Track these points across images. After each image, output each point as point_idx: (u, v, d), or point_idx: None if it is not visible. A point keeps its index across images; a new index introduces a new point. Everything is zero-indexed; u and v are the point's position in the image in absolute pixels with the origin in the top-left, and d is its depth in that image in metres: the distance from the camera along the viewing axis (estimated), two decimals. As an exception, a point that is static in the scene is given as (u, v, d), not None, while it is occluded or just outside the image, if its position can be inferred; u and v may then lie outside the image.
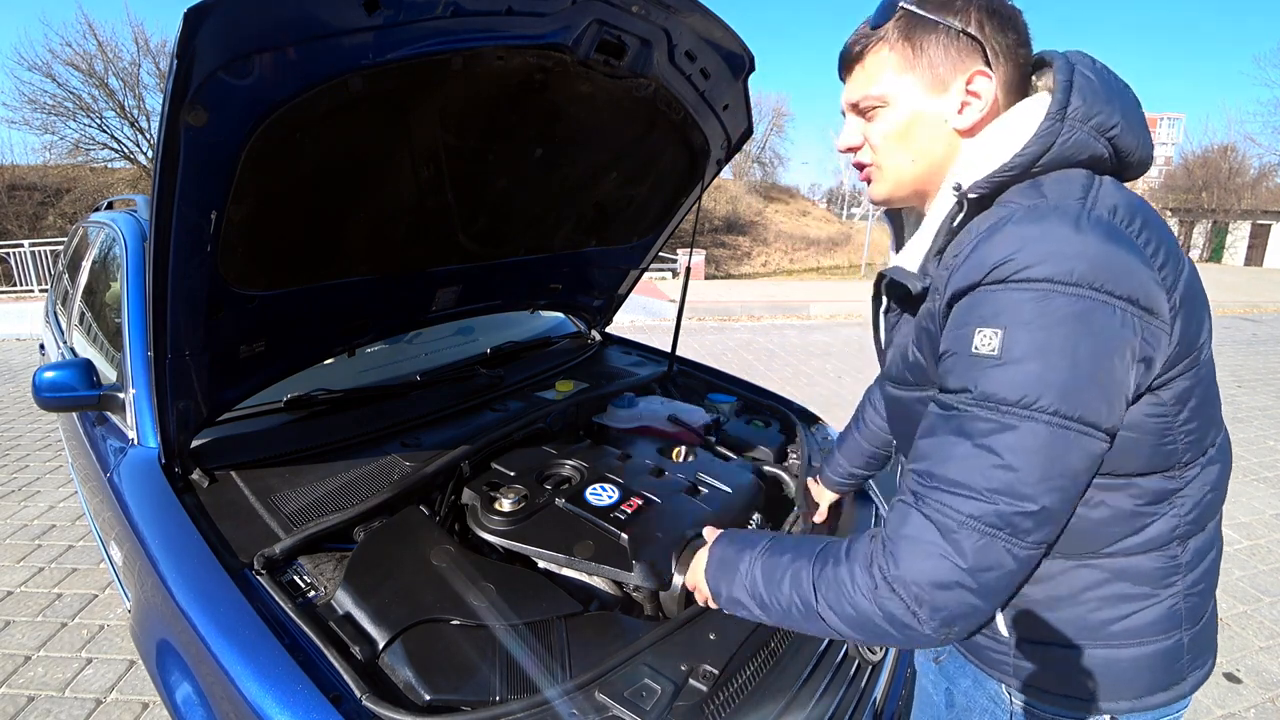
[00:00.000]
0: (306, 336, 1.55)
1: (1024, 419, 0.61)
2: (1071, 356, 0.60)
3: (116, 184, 17.15)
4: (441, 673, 0.92)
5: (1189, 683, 0.80)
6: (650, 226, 2.17)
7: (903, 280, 0.77)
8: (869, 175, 0.82)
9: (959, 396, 0.65)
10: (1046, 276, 0.61)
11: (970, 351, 0.63)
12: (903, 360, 0.81)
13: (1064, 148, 0.69)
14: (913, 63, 0.74)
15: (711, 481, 1.48)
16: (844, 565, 0.70)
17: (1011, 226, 0.65)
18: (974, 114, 0.74)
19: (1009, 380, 0.61)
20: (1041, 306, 0.60)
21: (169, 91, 0.87)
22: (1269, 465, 4.10)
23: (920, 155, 0.77)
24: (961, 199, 0.72)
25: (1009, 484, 0.61)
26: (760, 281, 18.47)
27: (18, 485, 3.54)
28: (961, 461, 0.63)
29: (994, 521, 0.61)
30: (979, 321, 0.63)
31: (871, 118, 0.78)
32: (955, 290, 0.67)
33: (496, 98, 1.33)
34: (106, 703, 1.97)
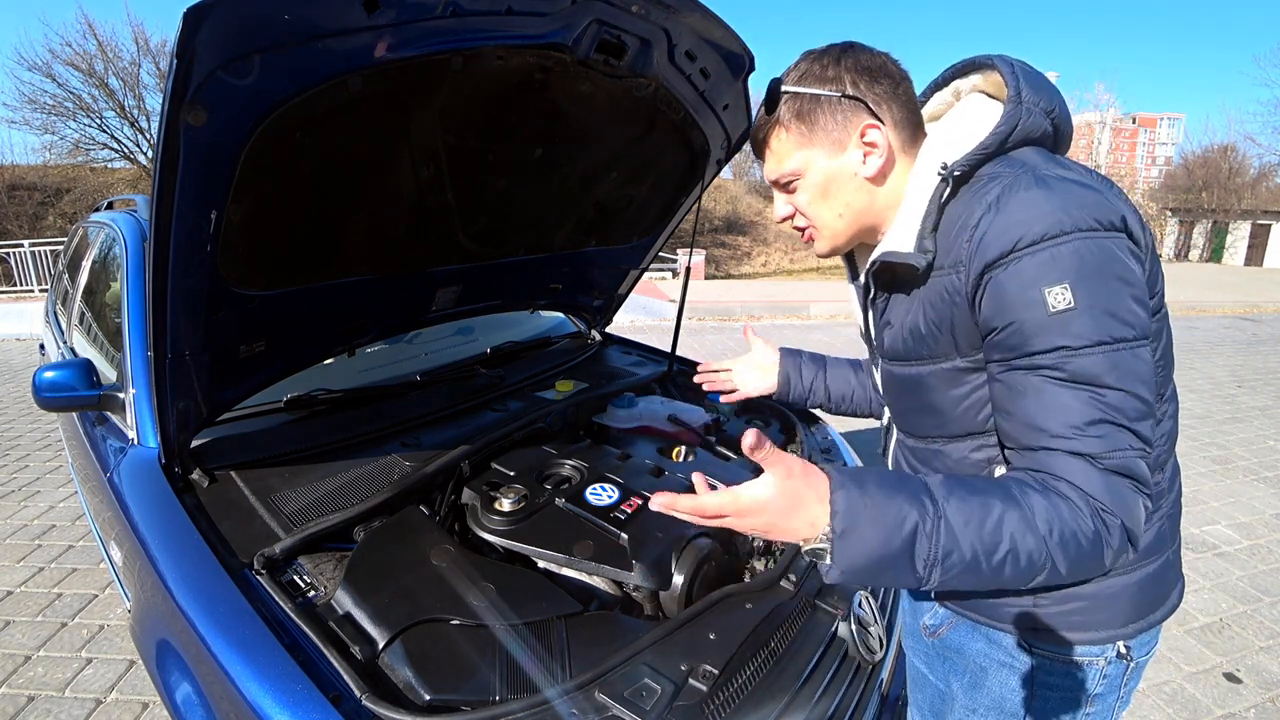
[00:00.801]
0: (306, 336, 1.55)
1: (1119, 349, 0.69)
2: (1121, 288, 0.70)
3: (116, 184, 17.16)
4: (441, 672, 0.92)
5: (1174, 596, 0.91)
6: (650, 226, 2.17)
7: (902, 260, 0.81)
8: (810, 236, 0.92)
9: (1055, 354, 0.70)
10: (1075, 227, 0.70)
11: (1049, 311, 0.70)
12: (908, 336, 0.87)
13: (1025, 126, 0.79)
14: (809, 136, 0.84)
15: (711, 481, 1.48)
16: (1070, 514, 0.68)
17: (1022, 193, 0.73)
18: (877, 161, 0.83)
19: (1096, 322, 0.69)
20: (1083, 254, 0.69)
21: (169, 91, 0.87)
22: (1269, 465, 4.10)
23: (845, 208, 0.87)
24: (948, 176, 0.79)
25: (1137, 409, 0.70)
26: (760, 281, 18.46)
27: (18, 485, 3.54)
28: (1097, 404, 0.70)
29: (1140, 443, 0.70)
30: (1042, 281, 0.70)
31: (793, 189, 0.89)
32: (989, 258, 0.73)
33: (496, 98, 1.33)
34: (106, 703, 1.97)
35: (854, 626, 1.18)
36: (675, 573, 1.18)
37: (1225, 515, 3.40)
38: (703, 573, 1.20)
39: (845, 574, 0.65)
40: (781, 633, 1.11)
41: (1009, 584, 0.69)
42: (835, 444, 1.87)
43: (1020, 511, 0.67)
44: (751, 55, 1.54)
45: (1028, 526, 0.67)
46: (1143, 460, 0.70)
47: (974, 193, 0.78)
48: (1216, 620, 2.50)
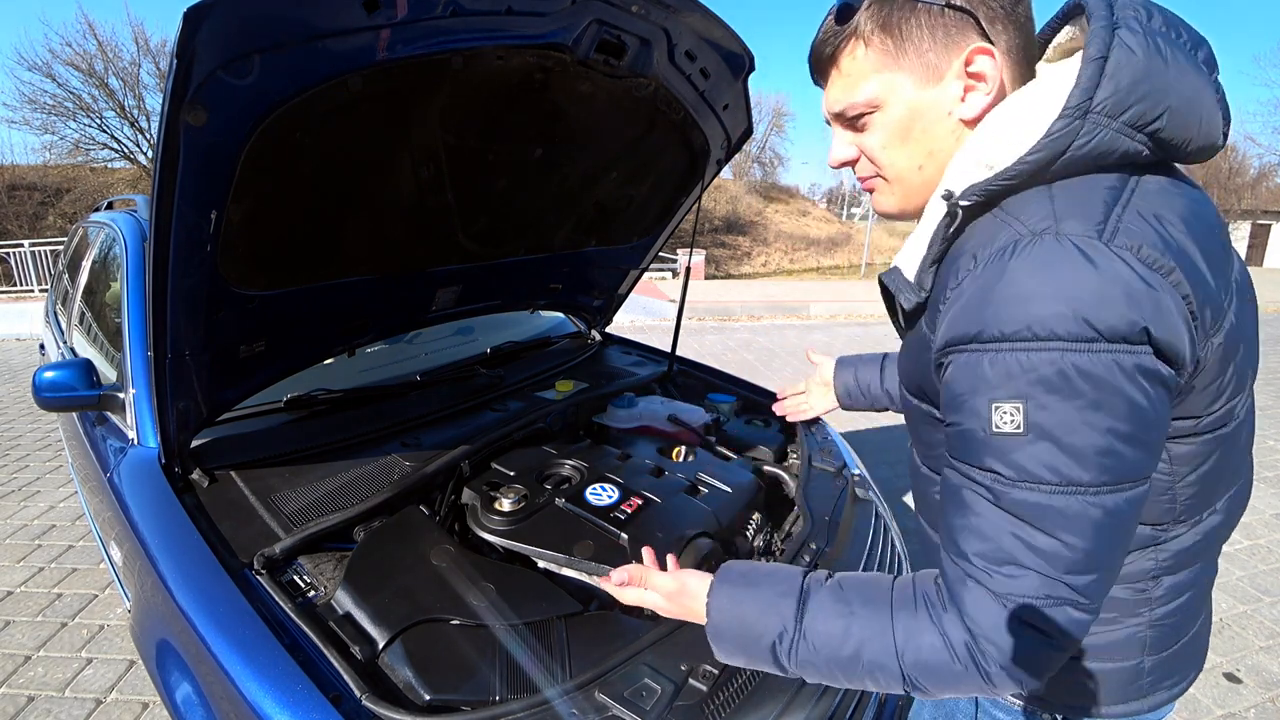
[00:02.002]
0: (306, 336, 1.55)
1: (1069, 495, 0.56)
2: (1101, 421, 0.54)
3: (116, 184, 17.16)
4: (441, 673, 0.92)
5: (1149, 702, 0.80)
6: (650, 226, 2.17)
7: (898, 290, 0.70)
8: (873, 186, 0.73)
9: (988, 476, 0.59)
10: (1059, 333, 0.53)
11: (992, 430, 0.57)
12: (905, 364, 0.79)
13: (1080, 151, 0.58)
14: (896, 56, 0.64)
15: (711, 481, 1.48)
16: (932, 633, 0.63)
17: (1011, 266, 0.56)
18: (980, 99, 0.64)
19: (1043, 459, 0.56)
20: (1056, 370, 0.54)
21: (169, 91, 0.87)
22: (1269, 465, 4.10)
23: (927, 159, 0.68)
24: (953, 208, 0.63)
25: (1074, 562, 0.57)
26: (760, 281, 18.47)
27: (18, 485, 3.54)
28: (1017, 541, 0.58)
29: (1064, 594, 0.58)
30: (992, 393, 0.57)
31: (863, 126, 0.69)
32: (951, 337, 0.60)
33: (496, 98, 1.33)
34: (106, 703, 1.97)
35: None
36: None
37: (1225, 515, 3.39)
38: (703, 573, 1.20)
39: (724, 661, 0.77)
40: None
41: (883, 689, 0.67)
42: (835, 444, 1.87)
43: (884, 641, 0.64)
44: (751, 55, 1.54)
45: (886, 656, 0.64)
46: (1073, 611, 0.58)
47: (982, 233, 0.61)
48: (1216, 620, 2.50)
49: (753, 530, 1.42)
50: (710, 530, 1.29)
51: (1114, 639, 0.75)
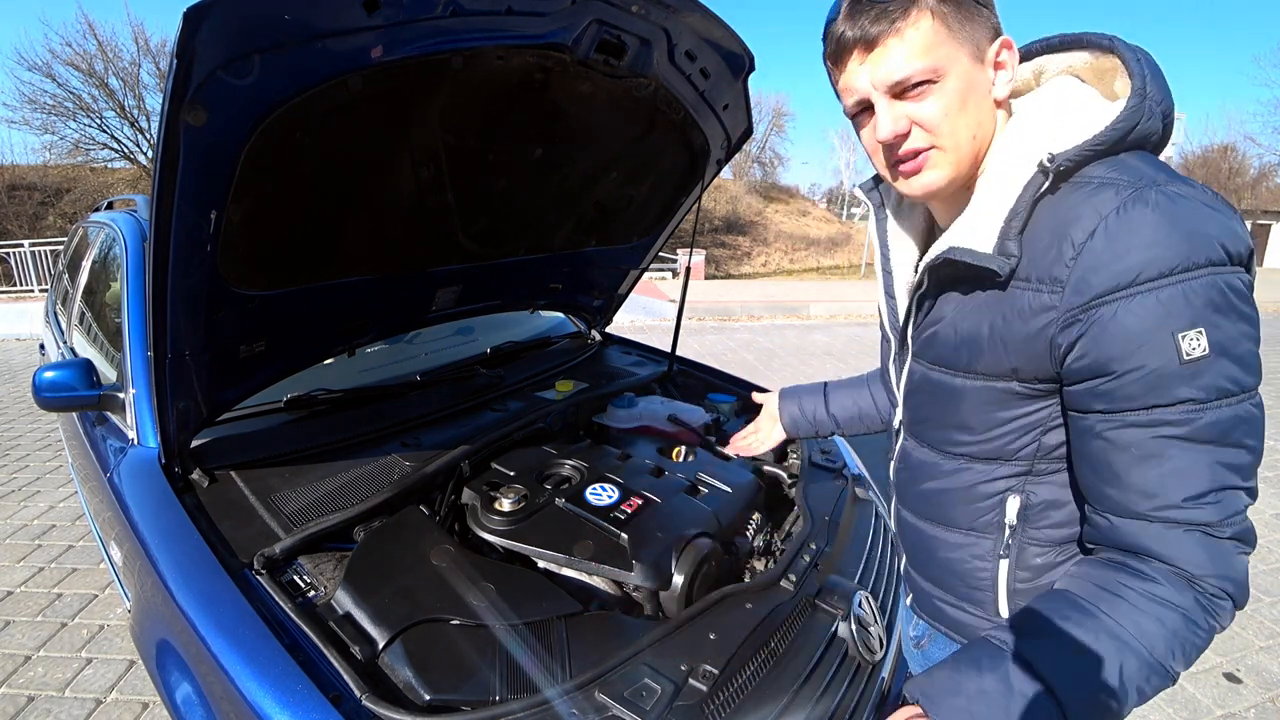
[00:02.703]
0: (306, 336, 1.55)
1: (1245, 401, 0.64)
2: (1249, 330, 0.63)
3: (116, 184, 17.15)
4: (441, 673, 0.92)
5: None
6: (650, 226, 2.17)
7: (980, 263, 0.70)
8: (925, 161, 0.74)
9: (1181, 408, 0.63)
10: (1208, 260, 0.62)
11: (1182, 358, 0.62)
12: (961, 344, 0.77)
13: (1144, 127, 0.69)
14: (959, 33, 0.69)
15: (711, 481, 1.48)
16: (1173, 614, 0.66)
17: (1145, 211, 0.63)
18: (1006, 84, 0.73)
19: (1227, 371, 0.63)
20: (1216, 291, 0.62)
21: (169, 91, 0.87)
22: (1269, 465, 4.10)
23: (978, 128, 0.73)
24: (1051, 171, 0.68)
25: (1253, 465, 0.65)
26: (760, 281, 18.47)
27: (18, 485, 3.54)
28: (1219, 468, 0.64)
29: (1246, 501, 0.66)
30: (1173, 324, 0.62)
31: (921, 94, 0.70)
32: (1103, 288, 0.64)
33: (496, 98, 1.33)
34: (106, 703, 1.97)
35: (854, 626, 1.17)
36: (675, 573, 1.18)
37: (1225, 515, 3.39)
38: (703, 573, 1.20)
39: None
40: (781, 633, 1.11)
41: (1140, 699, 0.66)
42: (835, 444, 1.87)
43: (1134, 648, 0.65)
44: (751, 55, 1.54)
45: (1142, 663, 0.65)
46: (1247, 517, 0.66)
47: (1081, 197, 0.67)
48: (1216, 620, 2.50)
49: (753, 530, 1.42)
50: (710, 530, 1.29)
51: None
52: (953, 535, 0.86)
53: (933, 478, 0.86)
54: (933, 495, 0.87)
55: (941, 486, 0.85)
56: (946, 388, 0.80)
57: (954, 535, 0.86)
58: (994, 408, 0.76)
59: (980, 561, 0.84)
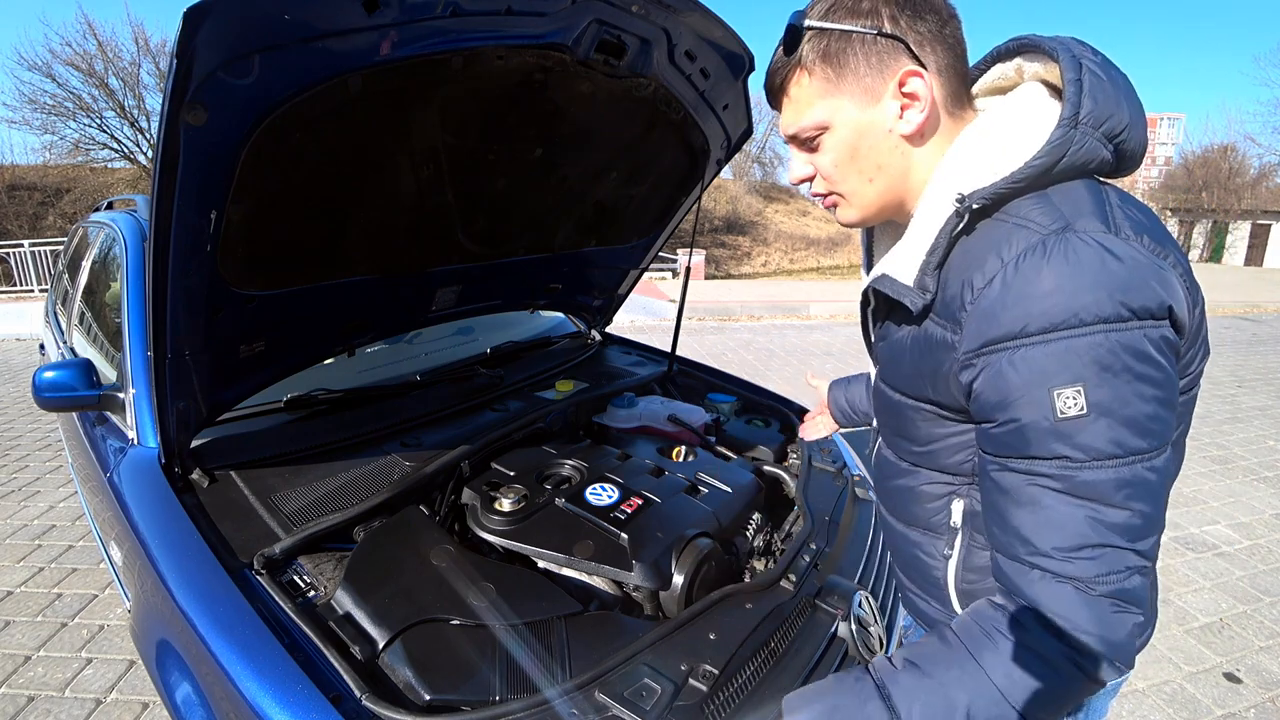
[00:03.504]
0: (306, 336, 1.55)
1: (1133, 464, 0.61)
2: (1146, 391, 0.60)
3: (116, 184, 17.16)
4: (441, 672, 0.92)
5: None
6: (650, 226, 2.17)
7: (898, 296, 0.73)
8: (833, 203, 0.79)
9: (1056, 463, 0.62)
10: (1102, 316, 0.59)
11: (1057, 416, 0.61)
12: (896, 365, 0.80)
13: (1075, 157, 0.66)
14: (837, 82, 0.70)
15: (711, 481, 1.48)
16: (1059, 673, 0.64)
17: (1046, 263, 0.61)
18: (916, 116, 0.70)
19: (1108, 434, 0.60)
20: (1107, 349, 0.59)
21: (169, 91, 0.87)
22: (1269, 465, 4.10)
23: (876, 173, 0.74)
24: (964, 210, 0.67)
25: (1142, 530, 0.62)
26: (760, 281, 18.47)
27: (18, 485, 3.54)
28: (1097, 525, 0.62)
29: (1138, 564, 0.63)
30: (1051, 381, 0.61)
31: (815, 147, 0.75)
32: (992, 336, 0.63)
33: (496, 98, 1.33)
34: (106, 703, 1.97)
35: (854, 626, 1.17)
36: (675, 573, 1.18)
37: (1225, 515, 3.39)
38: (703, 573, 1.20)
39: None
40: (781, 633, 1.11)
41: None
42: (835, 444, 1.87)
43: (988, 692, 0.64)
44: (751, 55, 1.54)
45: (997, 706, 0.64)
46: (1140, 577, 0.63)
47: (993, 238, 0.66)
48: (1216, 620, 2.50)
49: (753, 530, 1.42)
50: (710, 530, 1.29)
51: None
52: (912, 532, 0.89)
53: (895, 477, 0.89)
54: (896, 493, 0.90)
55: (901, 485, 0.88)
56: (890, 400, 0.83)
57: (913, 532, 0.89)
58: (928, 425, 0.78)
59: (933, 560, 0.87)
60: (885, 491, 0.93)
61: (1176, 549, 3.02)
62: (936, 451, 0.79)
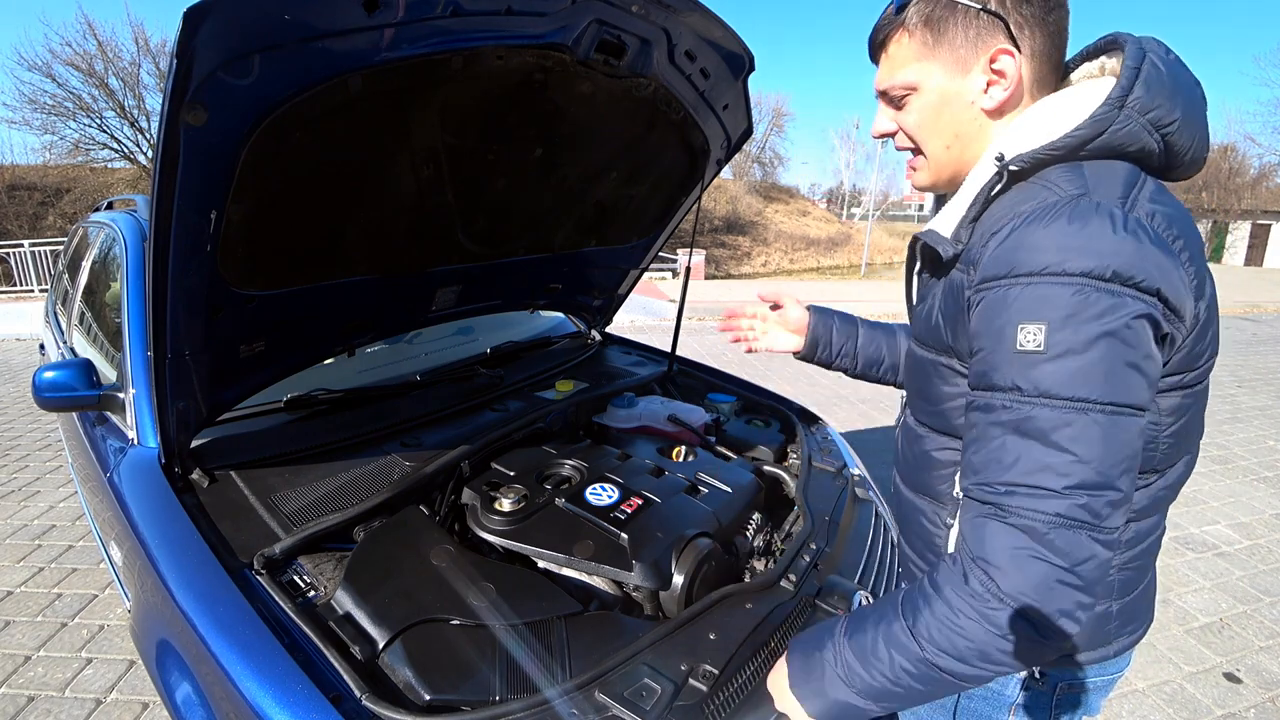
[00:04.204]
0: (306, 336, 1.55)
1: (1082, 410, 0.62)
2: (1114, 348, 0.62)
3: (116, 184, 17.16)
4: (441, 672, 0.92)
5: (1114, 646, 0.85)
6: (650, 226, 2.17)
7: (934, 244, 0.77)
8: (913, 164, 0.84)
9: (1009, 395, 0.65)
10: (1084, 270, 0.62)
11: (1015, 348, 0.64)
12: (926, 320, 0.83)
13: (1115, 136, 0.69)
14: (934, 48, 0.74)
15: (711, 481, 1.48)
16: (939, 600, 0.67)
17: (1051, 219, 0.65)
18: (999, 93, 0.74)
19: (1060, 375, 0.62)
20: (1080, 300, 0.62)
21: (168, 91, 0.87)
22: (1269, 465, 4.10)
23: (953, 140, 0.78)
24: (1003, 170, 0.72)
25: (1085, 477, 0.62)
26: (760, 281, 18.47)
27: (18, 485, 3.54)
28: (1031, 461, 0.64)
29: (1079, 515, 0.62)
30: (1019, 317, 0.64)
31: (902, 105, 0.80)
32: (988, 274, 0.68)
33: (496, 98, 1.33)
34: (106, 703, 1.97)
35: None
36: (675, 573, 1.18)
37: (1225, 515, 3.39)
38: (703, 573, 1.20)
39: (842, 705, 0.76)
40: (781, 633, 1.11)
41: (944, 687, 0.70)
42: (835, 443, 1.87)
43: (897, 622, 0.70)
44: (751, 55, 1.54)
45: (904, 636, 0.69)
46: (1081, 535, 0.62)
47: (1019, 196, 0.71)
48: (1216, 620, 2.50)
49: (753, 530, 1.42)
50: (710, 530, 1.29)
51: None
52: (922, 501, 0.90)
53: (913, 443, 0.91)
54: (912, 461, 0.91)
55: (917, 452, 0.90)
56: (918, 360, 0.87)
57: (923, 501, 0.90)
58: (941, 382, 0.82)
59: (935, 529, 0.88)
60: (902, 460, 0.95)
61: (1176, 549, 3.02)
62: (947, 412, 0.82)
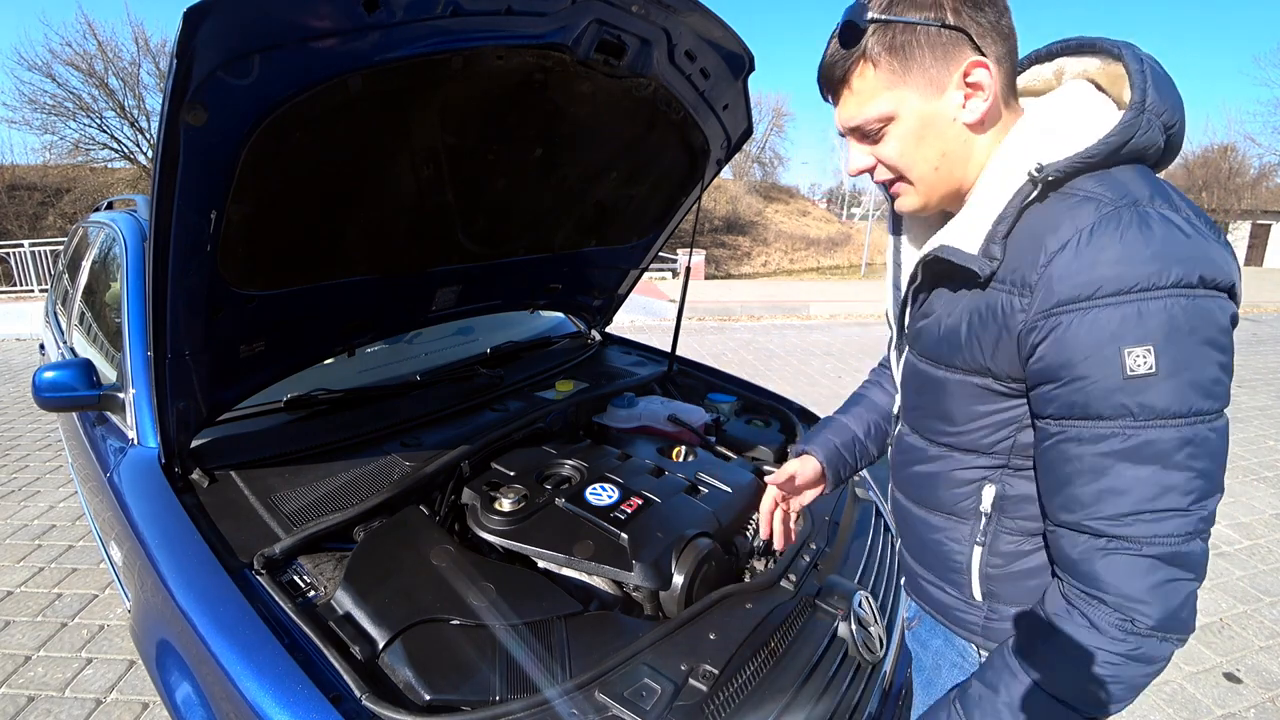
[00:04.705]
0: (306, 336, 1.55)
1: (1196, 424, 0.63)
2: (1212, 355, 0.63)
3: (116, 184, 17.15)
4: (441, 673, 0.92)
5: None
6: (650, 226, 2.17)
7: (963, 263, 0.74)
8: (897, 190, 0.81)
9: (1118, 423, 0.65)
10: (1175, 282, 0.62)
11: (1126, 374, 0.63)
12: (945, 338, 0.80)
13: (1140, 140, 0.69)
14: (904, 74, 0.72)
15: (711, 481, 1.48)
16: (1069, 663, 0.68)
17: (1120, 230, 0.64)
18: (980, 105, 0.73)
19: (1175, 393, 0.63)
20: (1181, 311, 0.62)
21: (169, 91, 0.87)
22: (1269, 465, 4.10)
23: (941, 160, 0.76)
24: (1039, 181, 0.70)
25: (1203, 490, 0.64)
26: (760, 281, 18.47)
27: (18, 485, 3.54)
28: (1154, 486, 0.64)
29: (1201, 526, 0.65)
30: (1124, 340, 0.63)
31: (879, 138, 0.77)
32: (1065, 297, 0.65)
33: (496, 98, 1.33)
34: (106, 703, 1.97)
35: (854, 626, 1.17)
36: (675, 573, 1.18)
37: (1225, 515, 3.39)
38: (703, 573, 1.20)
39: None
40: (781, 633, 1.11)
41: None
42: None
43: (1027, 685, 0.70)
44: (751, 55, 1.54)
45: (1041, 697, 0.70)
46: (1200, 542, 0.65)
47: (1063, 209, 0.69)
48: (1216, 620, 2.50)
49: (753, 530, 1.42)
50: (710, 530, 1.29)
51: None
52: (934, 518, 0.89)
53: (920, 462, 0.89)
54: (920, 479, 0.90)
55: (927, 471, 0.88)
56: (931, 379, 0.83)
57: (935, 518, 0.89)
58: (971, 401, 0.79)
59: (957, 545, 0.87)
60: (906, 477, 0.92)
61: (1176, 549, 3.02)
62: (976, 431, 0.80)
